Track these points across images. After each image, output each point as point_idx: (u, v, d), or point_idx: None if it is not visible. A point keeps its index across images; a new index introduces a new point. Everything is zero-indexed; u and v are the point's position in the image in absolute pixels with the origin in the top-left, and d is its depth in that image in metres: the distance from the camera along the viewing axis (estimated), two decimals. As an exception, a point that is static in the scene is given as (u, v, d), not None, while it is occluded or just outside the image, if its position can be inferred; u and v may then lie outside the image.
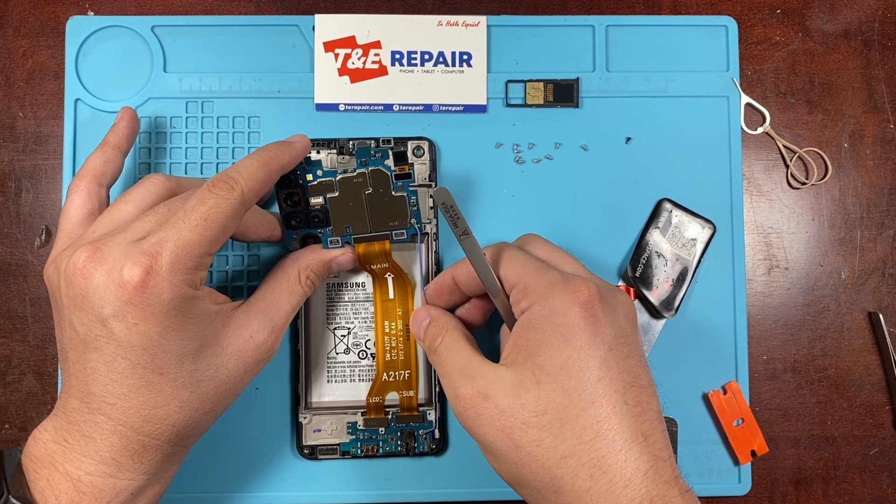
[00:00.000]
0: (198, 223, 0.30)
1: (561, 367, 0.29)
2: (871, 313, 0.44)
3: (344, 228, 0.38)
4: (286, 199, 0.37)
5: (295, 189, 0.37)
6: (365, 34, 0.43)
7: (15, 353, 0.43)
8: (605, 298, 0.31)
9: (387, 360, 0.40)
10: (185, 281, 0.30)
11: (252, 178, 0.32)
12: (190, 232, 0.30)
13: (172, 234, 0.29)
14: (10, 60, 0.44)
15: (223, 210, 0.30)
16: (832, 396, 0.44)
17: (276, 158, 0.34)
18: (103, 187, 0.36)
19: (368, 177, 0.37)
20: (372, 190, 0.37)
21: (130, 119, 0.38)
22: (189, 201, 0.30)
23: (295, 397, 0.41)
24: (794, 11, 0.45)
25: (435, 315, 0.36)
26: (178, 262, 0.29)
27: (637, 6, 0.45)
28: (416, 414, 0.41)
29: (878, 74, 0.45)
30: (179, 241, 0.29)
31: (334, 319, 0.42)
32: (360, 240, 0.38)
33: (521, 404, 0.29)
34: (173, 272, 0.29)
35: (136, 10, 0.44)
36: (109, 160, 0.36)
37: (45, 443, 0.30)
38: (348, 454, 0.41)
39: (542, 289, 0.31)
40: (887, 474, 0.44)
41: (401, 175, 0.37)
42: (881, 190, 0.45)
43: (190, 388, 0.31)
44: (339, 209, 0.37)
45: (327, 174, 0.37)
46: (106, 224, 0.32)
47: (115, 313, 0.29)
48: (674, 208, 0.42)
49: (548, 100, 0.43)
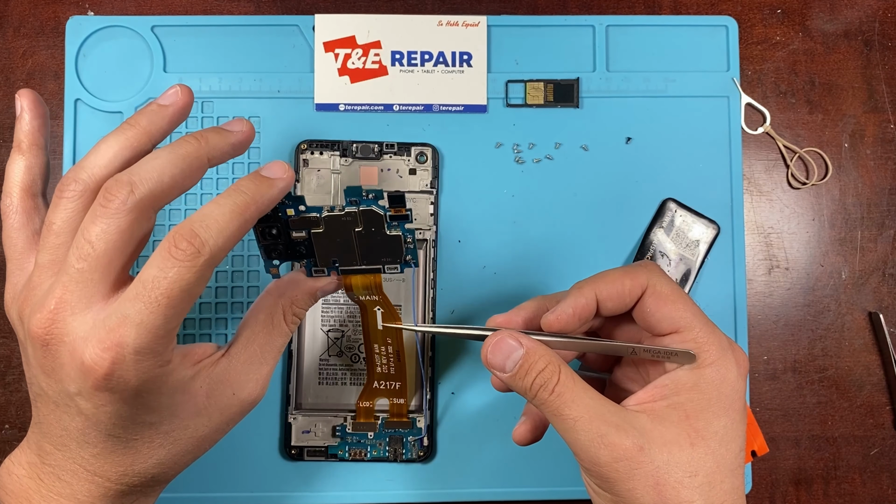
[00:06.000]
0: (160, 303, 0.26)
1: (715, 433, 0.29)
2: (872, 313, 0.44)
3: (330, 261, 0.33)
4: (263, 232, 0.32)
5: (273, 224, 0.32)
6: (365, 34, 0.43)
7: (15, 353, 0.43)
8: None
9: (378, 373, 0.40)
10: (153, 364, 0.27)
11: (222, 235, 0.27)
12: (152, 314, 0.26)
13: (134, 314, 0.26)
14: (10, 60, 0.43)
15: (187, 281, 0.26)
16: (832, 396, 0.44)
17: (254, 203, 0.28)
18: (37, 197, 0.32)
19: (359, 216, 0.32)
20: (363, 229, 0.32)
21: (33, 105, 0.32)
22: (148, 269, 0.26)
23: (285, 397, 0.41)
24: (795, 11, 0.45)
25: (532, 347, 0.30)
26: (144, 349, 0.26)
27: (637, 6, 0.45)
28: (405, 420, 0.41)
29: (879, 74, 0.45)
30: (142, 325, 0.26)
31: (328, 322, 0.42)
32: (348, 272, 0.34)
33: (675, 462, 0.29)
34: (139, 359, 0.26)
35: (136, 10, 0.44)
36: (32, 165, 0.31)
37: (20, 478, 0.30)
38: (335, 457, 0.41)
39: (716, 352, 0.30)
40: (887, 474, 0.44)
41: (397, 216, 0.32)
42: (881, 190, 0.45)
43: (167, 448, 0.30)
44: (324, 244, 0.32)
45: (311, 209, 0.31)
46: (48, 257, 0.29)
47: (80, 393, 0.27)
48: (678, 208, 0.42)
49: (548, 100, 0.43)
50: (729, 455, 0.29)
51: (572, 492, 0.42)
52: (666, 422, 0.29)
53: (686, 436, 0.29)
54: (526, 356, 0.30)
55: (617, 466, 0.28)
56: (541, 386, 0.29)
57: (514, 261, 0.42)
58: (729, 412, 0.29)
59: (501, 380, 0.30)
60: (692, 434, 0.29)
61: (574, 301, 0.31)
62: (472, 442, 0.42)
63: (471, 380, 0.42)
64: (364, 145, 0.41)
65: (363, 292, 0.35)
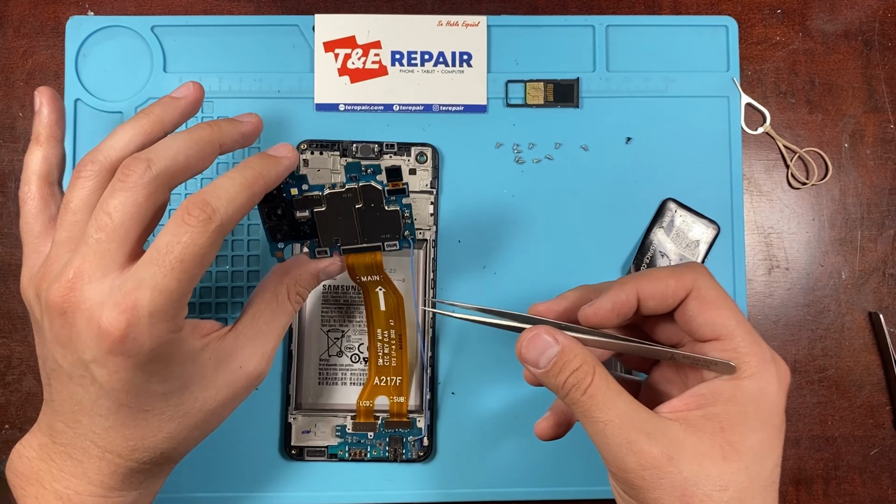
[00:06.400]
0: (174, 266, 0.28)
1: (751, 448, 0.28)
2: (872, 313, 0.44)
3: (332, 240, 0.35)
4: (268, 212, 0.34)
5: (278, 204, 0.34)
6: (365, 34, 0.43)
7: (15, 353, 0.43)
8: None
9: (379, 366, 0.40)
10: (167, 328, 0.28)
11: (232, 204, 0.29)
12: (166, 277, 0.27)
13: (148, 278, 0.27)
14: (10, 60, 0.43)
15: (200, 246, 0.28)
16: (832, 396, 0.44)
17: (261, 178, 0.31)
18: (54, 185, 0.33)
19: (359, 192, 0.34)
20: (363, 205, 0.34)
21: (51, 101, 0.34)
22: (162, 236, 0.28)
23: (285, 397, 0.41)
24: (795, 11, 0.45)
25: (568, 345, 0.29)
26: (158, 312, 0.28)
27: (637, 6, 0.45)
28: (405, 420, 0.41)
29: (879, 74, 0.45)
30: (157, 288, 0.27)
31: (328, 322, 0.42)
32: (349, 251, 0.36)
33: (704, 475, 0.28)
34: (153, 322, 0.28)
35: (136, 10, 0.44)
36: (49, 156, 0.33)
37: (30, 460, 0.30)
38: (335, 457, 0.41)
39: (757, 363, 0.29)
40: (887, 474, 0.44)
41: (394, 191, 0.35)
42: (881, 190, 0.45)
43: (177, 421, 0.30)
44: (326, 222, 0.34)
45: (314, 188, 0.34)
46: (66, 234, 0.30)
47: (95, 360, 0.28)
48: (678, 208, 0.42)
49: (548, 100, 0.43)
50: (763, 471, 0.28)
51: (572, 492, 0.42)
52: (699, 432, 0.28)
53: (719, 448, 0.28)
54: (561, 353, 0.29)
55: (644, 474, 0.28)
56: (573, 385, 0.29)
57: (514, 261, 0.43)
58: (766, 427, 0.29)
59: (534, 375, 0.30)
60: (726, 447, 0.28)
61: (615, 296, 0.30)
62: (472, 442, 0.42)
63: (471, 380, 0.42)
64: (364, 145, 0.41)
65: (364, 272, 0.37)
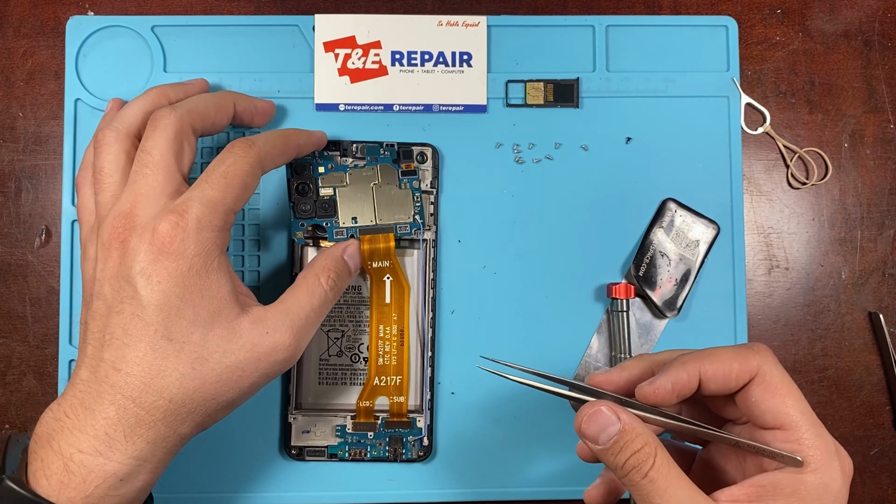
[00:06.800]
0: (218, 180, 0.32)
1: None
2: (872, 313, 0.44)
3: (350, 219, 0.40)
4: (297, 187, 0.40)
5: (307, 180, 0.40)
6: (365, 34, 0.43)
7: (15, 353, 0.43)
8: None
9: (379, 365, 0.40)
10: (211, 238, 0.31)
11: (269, 143, 0.34)
12: (212, 189, 0.32)
13: (197, 193, 0.32)
14: (10, 60, 0.44)
15: (241, 168, 0.33)
16: (832, 396, 0.44)
17: (295, 136, 0.37)
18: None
19: (378, 171, 0.40)
20: (380, 182, 0.40)
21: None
22: (208, 167, 0.33)
23: (285, 397, 0.41)
24: (795, 11, 0.45)
25: (630, 424, 0.28)
26: (205, 218, 0.31)
27: (637, 6, 0.45)
28: (405, 420, 0.41)
29: (879, 74, 0.45)
30: (204, 198, 0.31)
31: (328, 321, 0.42)
32: (365, 231, 0.40)
33: None
34: (200, 228, 0.31)
35: (136, 10, 0.44)
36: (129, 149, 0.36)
37: (47, 421, 0.31)
38: (335, 457, 0.41)
39: (821, 457, 0.28)
40: (887, 474, 0.44)
41: (407, 172, 0.41)
42: (881, 190, 0.45)
43: (192, 364, 0.31)
44: (347, 200, 0.40)
45: (338, 168, 0.40)
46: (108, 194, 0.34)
47: (141, 271, 0.30)
48: (678, 208, 0.42)
49: (548, 100, 0.43)
50: None
51: (572, 492, 0.42)
52: None
53: None
54: (622, 432, 0.28)
55: None
56: (633, 467, 0.28)
57: (514, 261, 0.43)
58: None
59: (592, 451, 0.29)
60: None
61: (675, 376, 0.29)
62: (472, 442, 0.42)
63: (471, 380, 0.42)
64: (364, 145, 0.41)
65: (376, 258, 0.40)
